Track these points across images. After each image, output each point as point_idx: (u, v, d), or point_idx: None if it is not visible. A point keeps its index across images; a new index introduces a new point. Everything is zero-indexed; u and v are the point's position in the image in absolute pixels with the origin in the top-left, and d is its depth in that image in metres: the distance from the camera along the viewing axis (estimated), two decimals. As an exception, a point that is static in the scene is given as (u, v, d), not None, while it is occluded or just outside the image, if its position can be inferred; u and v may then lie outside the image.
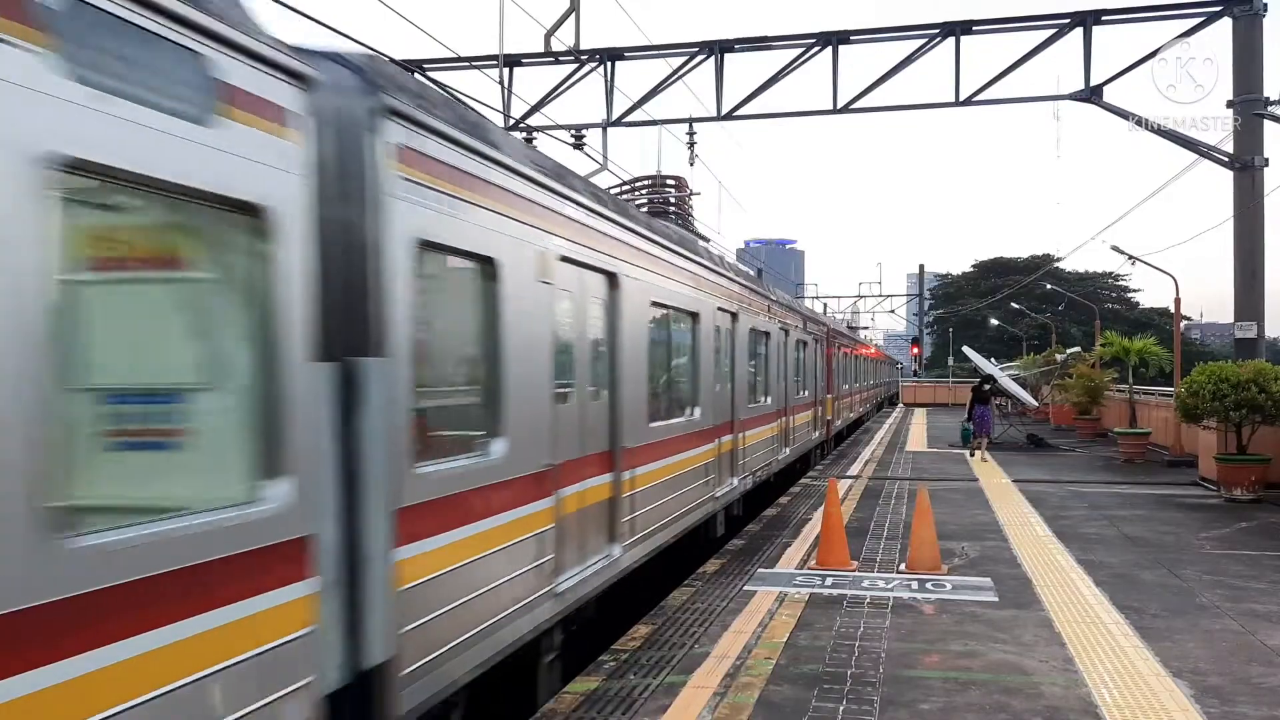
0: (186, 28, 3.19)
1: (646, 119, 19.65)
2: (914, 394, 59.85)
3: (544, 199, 6.15)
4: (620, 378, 7.74)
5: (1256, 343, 17.39)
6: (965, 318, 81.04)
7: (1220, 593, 8.91)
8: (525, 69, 20.07)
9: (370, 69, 4.44)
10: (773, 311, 15.54)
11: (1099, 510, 14.12)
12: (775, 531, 12.23)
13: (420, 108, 4.69)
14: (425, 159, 4.65)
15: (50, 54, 2.71)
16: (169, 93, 3.12)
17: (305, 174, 3.79)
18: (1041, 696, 6.07)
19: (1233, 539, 11.92)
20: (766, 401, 14.78)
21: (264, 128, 3.57)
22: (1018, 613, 8.14)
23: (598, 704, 5.96)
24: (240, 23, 3.51)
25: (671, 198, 12.85)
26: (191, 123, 3.21)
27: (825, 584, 9.17)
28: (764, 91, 19.36)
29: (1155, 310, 74.73)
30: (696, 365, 10.63)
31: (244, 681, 3.40)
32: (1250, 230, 17.48)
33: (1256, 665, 6.76)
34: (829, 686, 6.22)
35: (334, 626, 3.95)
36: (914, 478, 18.23)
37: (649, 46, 19.71)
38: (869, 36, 19.07)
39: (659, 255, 9.05)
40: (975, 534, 11.94)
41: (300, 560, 3.74)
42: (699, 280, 10.67)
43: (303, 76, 3.79)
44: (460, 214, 5.00)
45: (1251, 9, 16.98)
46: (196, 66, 3.26)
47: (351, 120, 4.16)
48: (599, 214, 7.27)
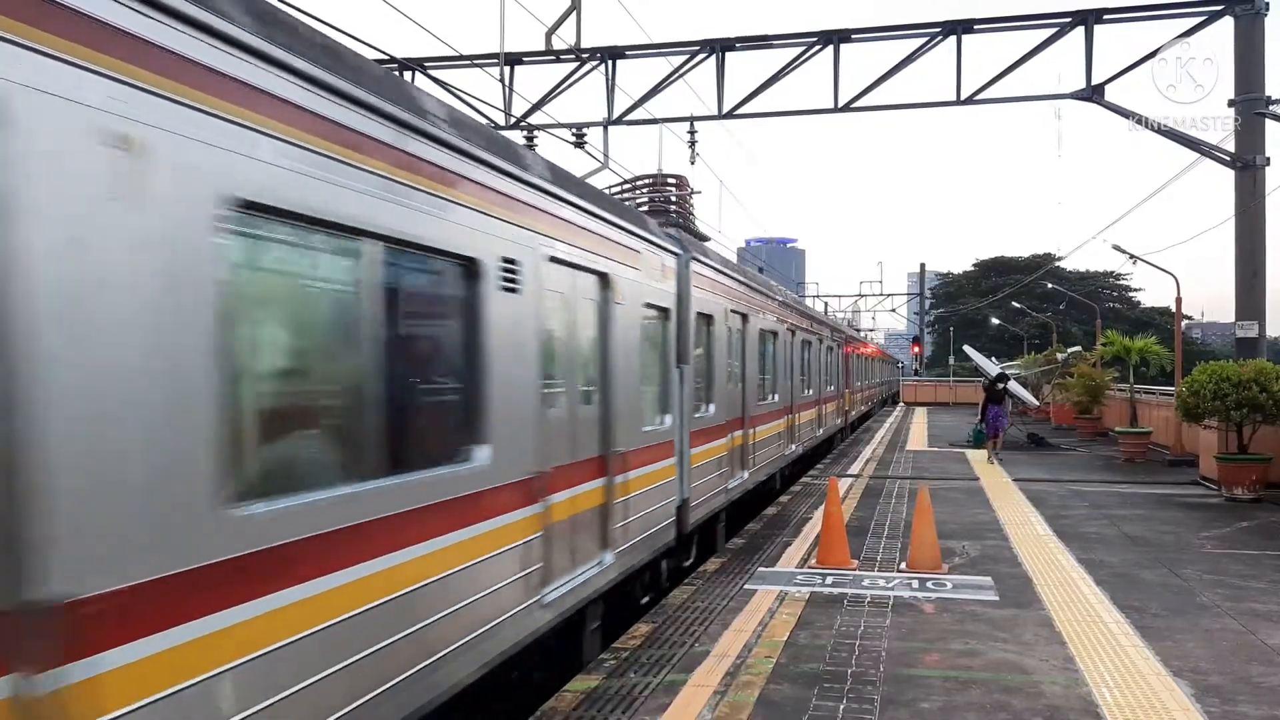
0: (668, 252, 9.72)
1: (647, 118, 19.64)
2: (915, 393, 59.80)
3: (726, 280, 12.46)
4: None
5: (1257, 342, 17.39)
6: (966, 317, 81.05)
7: (1221, 592, 8.91)
8: (526, 67, 20.09)
9: (688, 243, 10.70)
10: (815, 328, 22.79)
11: (1099, 509, 14.12)
12: (776, 530, 12.23)
13: (699, 253, 11.02)
14: (700, 275, 10.84)
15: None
16: (662, 273, 9.36)
17: (674, 288, 9.85)
18: (1042, 695, 6.07)
19: (1233, 538, 11.91)
20: (809, 393, 21.18)
21: (671, 274, 9.73)
22: (1018, 612, 8.14)
23: (598, 702, 5.96)
24: (690, 243, 10.72)
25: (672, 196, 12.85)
26: (663, 279, 9.37)
27: (826, 583, 9.18)
28: (765, 90, 19.35)
29: (1156, 309, 74.73)
30: (775, 363, 16.37)
31: (666, 493, 9.31)
32: (1251, 229, 17.47)
33: (1257, 664, 6.76)
34: (829, 685, 6.22)
35: (678, 477, 9.86)
36: (914, 477, 18.23)
37: (650, 45, 19.70)
38: (870, 35, 19.05)
39: (769, 303, 16.14)
40: (976, 533, 11.94)
41: (670, 447, 9.59)
42: (783, 311, 17.52)
43: (675, 252, 9.93)
44: (707, 289, 11.20)
45: (1253, 8, 16.96)
46: (665, 261, 9.54)
47: (684, 264, 10.16)
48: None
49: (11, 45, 2.70)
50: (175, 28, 3.26)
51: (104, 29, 2.99)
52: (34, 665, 2.74)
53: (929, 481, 16.28)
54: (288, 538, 3.76)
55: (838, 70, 18.69)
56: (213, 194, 3.41)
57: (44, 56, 2.78)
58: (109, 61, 2.99)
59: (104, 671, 2.90)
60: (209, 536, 3.37)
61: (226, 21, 3.48)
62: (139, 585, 3.06)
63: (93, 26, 2.95)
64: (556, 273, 6.56)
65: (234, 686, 3.43)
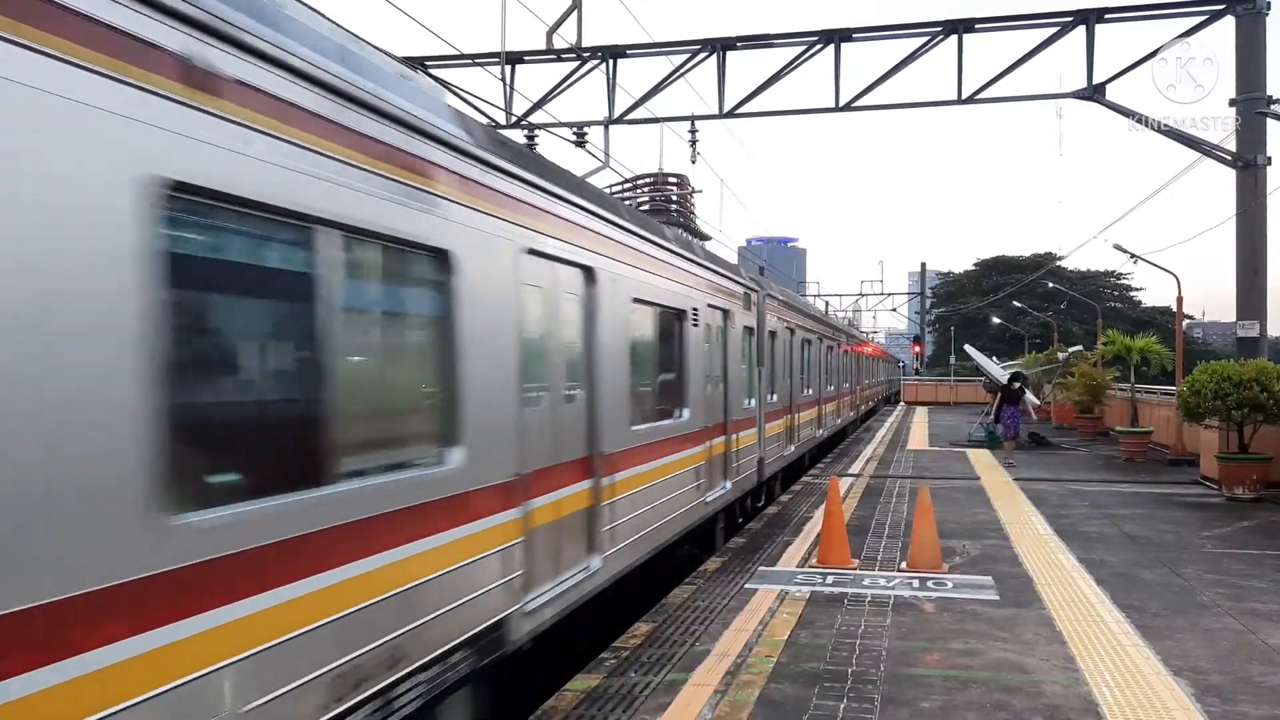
0: (754, 291, 14.52)
1: (648, 117, 19.62)
2: (915, 392, 59.81)
3: (782, 305, 16.82)
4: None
5: (1259, 341, 17.37)
6: (967, 316, 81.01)
7: (1221, 591, 8.91)
8: (527, 66, 20.05)
9: (761, 281, 15.73)
10: (835, 335, 27.42)
11: (1100, 509, 14.12)
12: (776, 530, 12.23)
13: (768, 290, 15.63)
14: (773, 301, 15.96)
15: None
16: (749, 305, 13.94)
17: (754, 315, 14.25)
18: (1042, 695, 6.07)
19: (1234, 538, 11.91)
20: (831, 389, 25.30)
21: (750, 306, 14.03)
22: (1018, 611, 8.14)
23: (598, 701, 5.96)
24: (761, 281, 15.95)
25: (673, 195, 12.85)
26: (749, 310, 13.93)
27: (826, 582, 9.18)
28: (766, 89, 19.33)
29: (1157, 309, 74.69)
30: (810, 365, 20.83)
31: (753, 450, 13.98)
32: (1252, 229, 17.45)
33: (1257, 664, 6.76)
34: (830, 684, 6.23)
35: (758, 441, 14.45)
36: (915, 476, 18.23)
37: (651, 44, 19.69)
38: (871, 34, 19.02)
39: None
40: (976, 532, 11.95)
41: (754, 421, 14.24)
42: (815, 324, 22.57)
43: (753, 289, 14.38)
44: (772, 313, 15.50)
45: (1254, 7, 16.94)
46: (749, 297, 13.94)
47: (760, 298, 14.74)
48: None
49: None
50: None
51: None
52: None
53: (929, 481, 16.27)
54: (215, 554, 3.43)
55: (839, 69, 18.68)
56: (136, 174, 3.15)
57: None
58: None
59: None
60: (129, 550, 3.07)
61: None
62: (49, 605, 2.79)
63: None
64: (712, 312, 11.59)
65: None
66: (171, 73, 3.28)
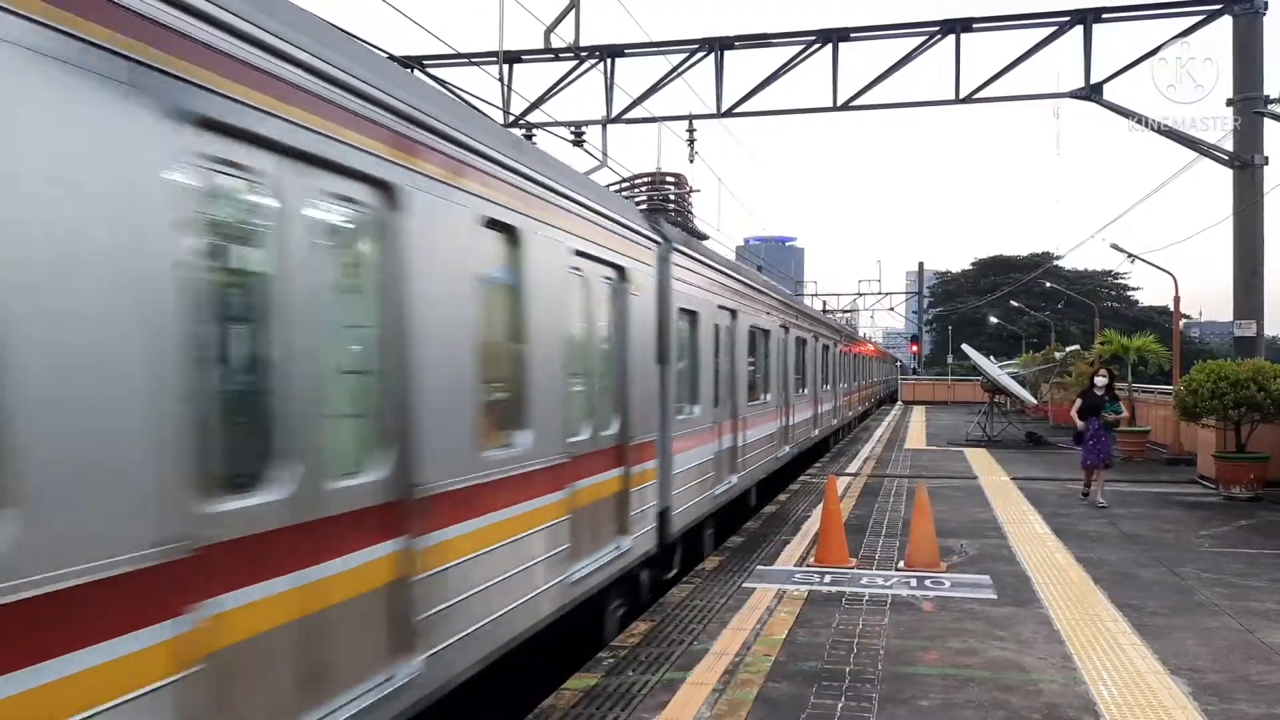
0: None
1: (646, 116, 19.61)
2: (913, 391, 59.89)
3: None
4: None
5: (1256, 341, 17.41)
6: (965, 316, 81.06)
7: (1219, 590, 8.92)
8: (525, 65, 20.04)
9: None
10: (842, 339, 29.29)
11: (1098, 508, 14.12)
12: (774, 529, 12.24)
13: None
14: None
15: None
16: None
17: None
18: (1040, 694, 6.07)
19: (1231, 537, 11.93)
20: (843, 387, 28.68)
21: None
22: (1016, 610, 8.15)
23: (596, 700, 5.96)
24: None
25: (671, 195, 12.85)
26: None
27: (824, 581, 9.18)
28: (764, 89, 19.33)
29: (1155, 308, 74.79)
30: (829, 368, 24.41)
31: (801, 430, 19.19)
32: (1250, 228, 17.49)
33: (1255, 663, 6.77)
34: (828, 683, 6.23)
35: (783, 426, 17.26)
36: (913, 475, 18.24)
37: (649, 43, 19.68)
38: (869, 34, 19.03)
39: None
40: (974, 531, 11.95)
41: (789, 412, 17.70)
42: (828, 330, 26.18)
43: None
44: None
45: (1252, 7, 16.97)
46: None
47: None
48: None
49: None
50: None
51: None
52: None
53: (927, 480, 16.26)
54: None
55: (836, 69, 18.69)
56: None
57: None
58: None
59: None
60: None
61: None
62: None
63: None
64: (789, 333, 15.06)
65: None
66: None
